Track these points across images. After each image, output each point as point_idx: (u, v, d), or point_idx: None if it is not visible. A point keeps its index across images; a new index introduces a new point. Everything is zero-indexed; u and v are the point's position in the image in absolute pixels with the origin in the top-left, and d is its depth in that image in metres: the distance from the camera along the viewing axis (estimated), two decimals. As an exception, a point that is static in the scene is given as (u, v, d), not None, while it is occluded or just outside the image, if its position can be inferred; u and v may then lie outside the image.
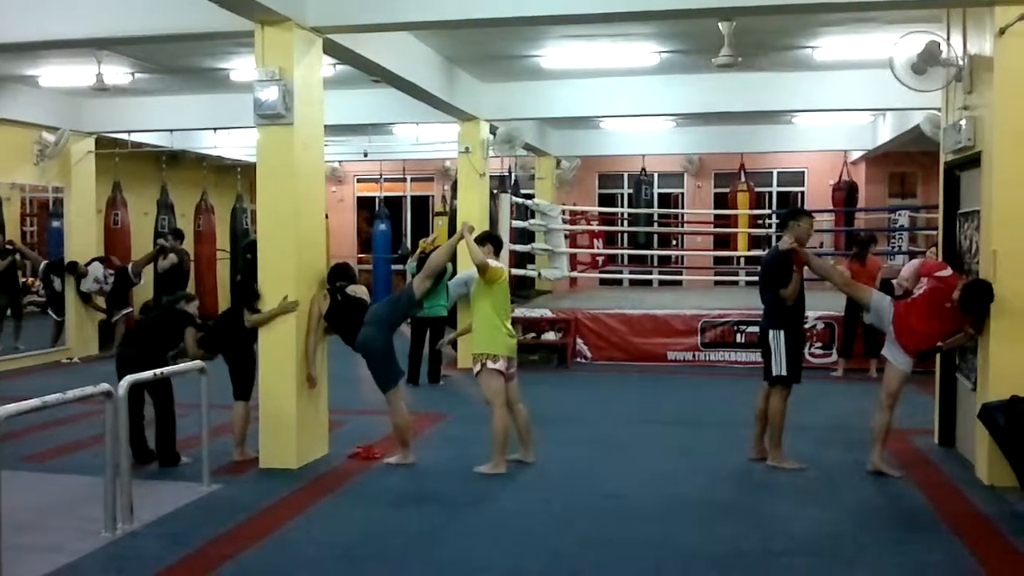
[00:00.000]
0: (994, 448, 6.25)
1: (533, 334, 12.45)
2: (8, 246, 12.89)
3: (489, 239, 7.01)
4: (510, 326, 6.91)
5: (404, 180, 20.21)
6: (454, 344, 12.05)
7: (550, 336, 12.44)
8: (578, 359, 12.40)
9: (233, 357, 7.18)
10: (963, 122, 6.83)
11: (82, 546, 5.19)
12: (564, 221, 15.73)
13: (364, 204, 21.17)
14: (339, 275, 7.31)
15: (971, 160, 6.93)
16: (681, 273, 18.49)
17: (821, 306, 11.58)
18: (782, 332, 6.81)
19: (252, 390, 7.19)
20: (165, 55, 10.55)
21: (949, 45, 6.98)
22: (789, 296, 6.75)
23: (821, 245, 17.33)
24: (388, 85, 10.02)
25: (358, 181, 21.21)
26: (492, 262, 6.78)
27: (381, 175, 19.06)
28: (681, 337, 12.27)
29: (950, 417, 7.56)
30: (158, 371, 6.17)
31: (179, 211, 16.08)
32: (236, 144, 15.87)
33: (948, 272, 6.60)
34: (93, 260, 13.11)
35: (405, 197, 21.00)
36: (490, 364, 6.69)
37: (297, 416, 6.94)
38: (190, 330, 7.16)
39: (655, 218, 18.65)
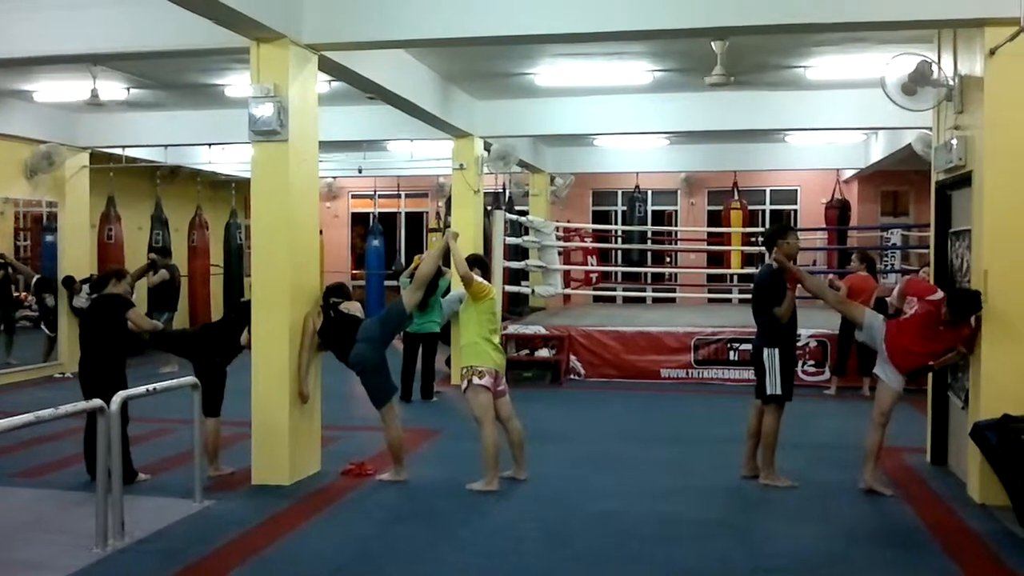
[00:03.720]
0: (986, 467, 6.26)
1: (526, 351, 12.45)
2: (0, 260, 12.87)
3: (476, 263, 7.07)
4: (497, 342, 6.94)
5: (398, 196, 20.24)
6: (447, 361, 12.05)
7: (543, 353, 12.44)
8: (571, 376, 12.39)
9: (205, 371, 6.98)
10: (954, 142, 6.87)
11: (73, 562, 5.16)
12: (558, 238, 15.74)
13: (358, 220, 21.17)
14: (333, 293, 7.32)
15: (962, 179, 6.97)
16: (674, 290, 18.50)
17: (814, 324, 11.62)
18: (777, 350, 6.82)
19: (221, 406, 7.13)
20: (160, 71, 10.58)
21: (940, 66, 7.03)
22: (783, 314, 6.77)
23: (814, 263, 17.37)
24: (383, 102, 10.05)
25: (352, 197, 21.23)
26: (479, 279, 6.88)
27: (375, 191, 19.08)
28: (674, 354, 12.27)
29: (942, 435, 7.58)
30: (150, 387, 6.14)
31: (173, 226, 16.05)
32: (231, 160, 15.87)
33: (939, 295, 6.60)
34: (85, 281, 13.07)
35: (399, 213, 21.03)
36: (476, 380, 6.70)
37: (290, 432, 6.92)
38: (132, 311, 7.04)
39: (649, 235, 18.70)
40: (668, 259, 19.41)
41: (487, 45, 8.39)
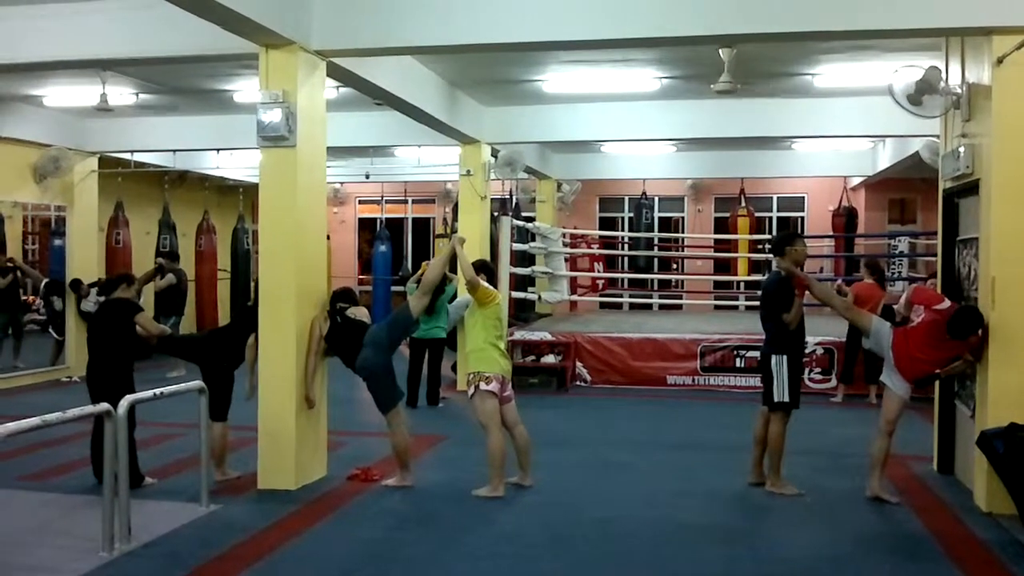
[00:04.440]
0: (992, 475, 6.25)
1: (533, 357, 12.45)
2: (9, 264, 12.91)
3: (482, 268, 7.08)
4: (504, 348, 6.95)
5: (406, 202, 20.29)
6: (453, 367, 12.06)
7: (550, 359, 12.44)
8: (577, 382, 12.39)
9: (212, 375, 6.99)
10: (961, 149, 6.87)
11: (79, 566, 5.17)
12: (564, 244, 15.76)
13: (365, 225, 21.24)
14: (341, 298, 7.33)
15: (969, 187, 6.96)
16: (681, 297, 18.51)
17: (821, 331, 11.59)
18: (785, 357, 6.81)
19: (228, 411, 7.14)
20: (169, 76, 10.62)
21: (947, 74, 7.03)
22: (792, 321, 6.76)
23: (821, 270, 17.35)
24: (390, 108, 10.08)
25: (360, 202, 21.29)
26: (485, 285, 6.88)
27: (383, 197, 19.13)
28: (681, 361, 12.25)
29: (949, 444, 7.55)
30: (158, 391, 6.16)
31: (181, 231, 16.11)
32: (238, 165, 15.92)
33: (946, 304, 6.59)
34: (93, 285, 13.13)
35: (406, 219, 21.07)
36: (483, 386, 6.71)
37: (296, 437, 6.93)
38: (141, 315, 7.06)
39: (655, 242, 18.69)
40: (675, 266, 19.42)
41: (495, 52, 8.40)
